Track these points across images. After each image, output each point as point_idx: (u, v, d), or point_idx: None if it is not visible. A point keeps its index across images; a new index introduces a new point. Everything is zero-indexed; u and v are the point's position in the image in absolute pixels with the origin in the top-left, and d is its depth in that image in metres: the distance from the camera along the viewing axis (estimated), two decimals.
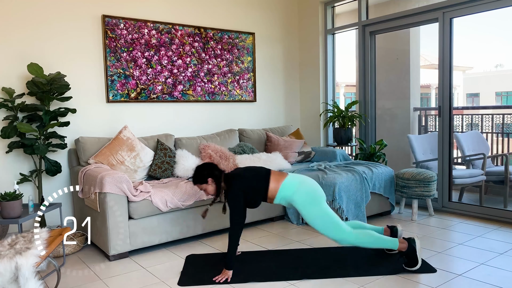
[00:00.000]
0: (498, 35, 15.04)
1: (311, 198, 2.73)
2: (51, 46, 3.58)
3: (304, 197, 2.72)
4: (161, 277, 2.73)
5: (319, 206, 2.72)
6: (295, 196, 2.73)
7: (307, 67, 5.27)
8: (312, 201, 2.72)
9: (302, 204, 2.73)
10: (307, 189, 2.75)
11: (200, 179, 2.80)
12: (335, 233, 2.70)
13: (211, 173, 2.79)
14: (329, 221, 2.70)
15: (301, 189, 2.74)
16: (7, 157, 3.41)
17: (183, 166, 3.76)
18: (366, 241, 2.74)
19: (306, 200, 2.72)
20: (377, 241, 2.75)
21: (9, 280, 1.85)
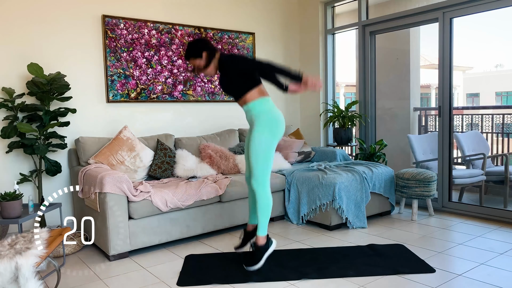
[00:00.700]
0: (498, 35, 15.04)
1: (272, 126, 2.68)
2: (51, 46, 3.58)
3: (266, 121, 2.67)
4: (161, 277, 2.73)
5: (272, 139, 2.67)
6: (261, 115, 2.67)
7: (307, 67, 5.27)
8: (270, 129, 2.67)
9: (259, 124, 2.66)
10: (274, 116, 2.71)
11: (193, 53, 2.70)
12: (262, 171, 2.66)
13: (206, 46, 2.70)
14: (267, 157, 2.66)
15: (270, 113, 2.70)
16: (7, 157, 3.41)
17: (183, 166, 3.76)
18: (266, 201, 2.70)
19: (266, 123, 2.66)
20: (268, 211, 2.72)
21: (9, 280, 1.84)
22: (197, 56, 2.70)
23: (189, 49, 2.73)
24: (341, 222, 3.66)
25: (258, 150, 2.66)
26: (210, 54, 2.70)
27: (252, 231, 2.95)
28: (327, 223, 3.64)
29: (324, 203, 3.61)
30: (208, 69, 2.74)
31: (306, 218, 3.80)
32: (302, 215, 3.81)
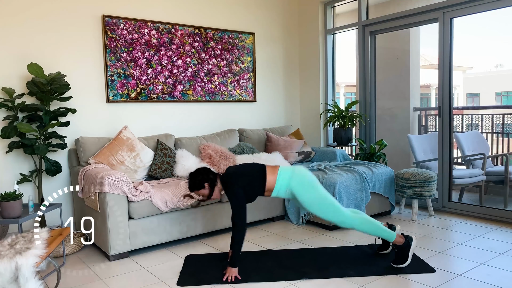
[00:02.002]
0: (498, 35, 15.04)
1: (308, 181, 2.77)
2: (51, 46, 3.58)
3: (301, 180, 2.75)
4: (161, 277, 2.73)
5: (317, 190, 2.77)
6: (292, 182, 2.75)
7: (307, 67, 5.27)
8: (309, 184, 2.76)
9: (300, 188, 2.74)
10: (302, 173, 2.80)
11: (196, 186, 2.81)
12: (335, 215, 2.75)
13: (206, 177, 2.80)
14: (328, 204, 2.75)
15: (296, 174, 2.78)
16: (7, 157, 3.41)
17: (183, 166, 3.76)
18: (365, 226, 2.78)
19: (303, 183, 2.75)
20: (376, 228, 2.78)
21: (9, 280, 1.84)
22: (200, 188, 2.81)
23: (191, 183, 2.83)
24: None
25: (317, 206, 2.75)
26: (212, 184, 2.80)
27: None
28: (327, 223, 3.64)
29: None
30: (213, 195, 2.85)
31: (306, 218, 3.81)
32: (302, 215, 3.81)
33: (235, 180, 2.74)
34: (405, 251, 2.74)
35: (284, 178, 2.77)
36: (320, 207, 2.74)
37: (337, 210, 2.75)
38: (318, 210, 2.75)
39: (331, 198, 2.78)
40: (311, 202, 2.75)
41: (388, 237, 2.78)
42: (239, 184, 2.71)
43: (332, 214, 2.75)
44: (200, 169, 2.88)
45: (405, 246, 2.75)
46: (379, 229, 2.79)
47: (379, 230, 2.79)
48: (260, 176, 2.77)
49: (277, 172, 2.78)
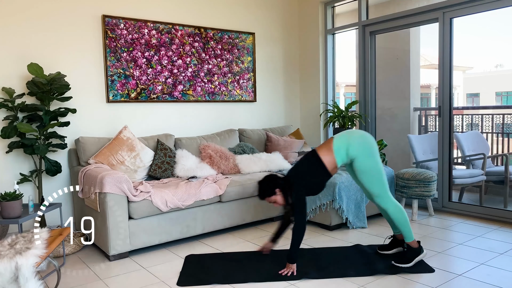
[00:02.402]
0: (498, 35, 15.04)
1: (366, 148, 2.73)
2: (51, 46, 3.58)
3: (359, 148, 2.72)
4: (161, 277, 2.73)
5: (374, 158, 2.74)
6: (350, 151, 2.72)
7: (307, 67, 5.27)
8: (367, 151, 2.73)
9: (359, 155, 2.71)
10: (358, 139, 2.76)
11: (268, 192, 2.77)
12: (382, 187, 2.74)
13: (277, 183, 2.77)
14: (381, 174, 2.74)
15: (352, 142, 2.74)
16: (7, 157, 3.41)
17: (183, 166, 3.76)
18: (398, 214, 2.78)
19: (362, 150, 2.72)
20: (405, 221, 2.78)
21: (9, 280, 1.84)
22: (271, 194, 2.76)
23: (262, 190, 2.79)
24: (341, 222, 3.66)
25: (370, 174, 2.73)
26: (283, 189, 2.75)
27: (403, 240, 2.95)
28: (327, 223, 3.64)
29: (324, 203, 3.61)
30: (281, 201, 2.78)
31: (306, 218, 3.80)
32: None
33: (298, 183, 2.72)
34: (414, 254, 2.75)
35: (342, 151, 2.73)
36: (372, 175, 2.72)
37: (385, 185, 2.75)
38: (369, 178, 2.73)
39: (384, 173, 2.78)
40: (366, 171, 2.72)
41: (408, 236, 2.79)
42: (301, 186, 2.71)
43: (379, 186, 2.74)
44: (269, 175, 2.86)
45: (416, 250, 2.77)
46: (407, 224, 2.79)
47: (407, 225, 2.79)
48: (320, 168, 2.74)
49: (332, 149, 2.73)
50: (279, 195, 2.75)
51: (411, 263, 2.73)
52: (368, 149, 2.74)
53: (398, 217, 2.79)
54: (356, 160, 2.72)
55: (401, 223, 2.79)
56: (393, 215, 2.79)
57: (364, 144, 2.75)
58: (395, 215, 2.79)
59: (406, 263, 2.73)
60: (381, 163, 2.79)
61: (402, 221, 2.78)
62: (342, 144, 2.74)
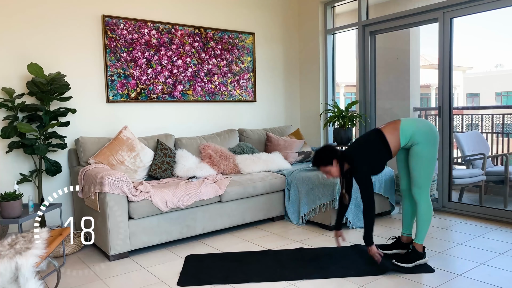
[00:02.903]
0: (498, 35, 15.04)
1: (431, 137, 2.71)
2: (51, 46, 3.58)
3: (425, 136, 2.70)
4: (161, 277, 2.73)
5: (435, 149, 2.73)
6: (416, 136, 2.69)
7: (307, 67, 5.27)
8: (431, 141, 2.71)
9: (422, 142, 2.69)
10: (426, 127, 2.74)
11: (325, 161, 2.74)
12: (427, 181, 2.73)
13: (336, 154, 2.74)
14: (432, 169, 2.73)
15: (420, 128, 2.71)
16: (7, 157, 3.41)
17: (183, 166, 3.76)
18: (424, 211, 2.76)
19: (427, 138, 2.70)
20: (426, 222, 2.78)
21: (9, 280, 1.84)
22: (327, 164, 2.75)
23: (319, 157, 2.78)
24: None
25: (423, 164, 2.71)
26: (341, 161, 2.74)
27: (407, 244, 2.95)
28: (327, 223, 3.64)
29: (324, 203, 3.61)
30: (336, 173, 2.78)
31: (306, 218, 3.80)
32: (302, 215, 3.81)
33: (362, 160, 2.70)
34: (416, 257, 2.75)
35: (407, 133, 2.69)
36: (426, 163, 2.70)
37: (430, 179, 2.74)
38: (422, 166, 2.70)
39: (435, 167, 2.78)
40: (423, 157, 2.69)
41: (421, 237, 2.78)
42: (365, 163, 2.69)
43: (425, 177, 2.72)
44: (327, 145, 2.83)
45: (420, 253, 2.77)
46: (427, 226, 2.78)
47: (426, 227, 2.78)
48: (383, 146, 2.70)
49: (398, 129, 2.70)
50: (336, 167, 2.73)
51: (411, 264, 2.73)
52: (433, 139, 2.72)
53: (424, 215, 2.76)
54: (419, 145, 2.69)
55: (423, 222, 2.77)
56: (421, 211, 2.76)
57: (431, 133, 2.73)
58: (423, 211, 2.76)
59: (407, 263, 2.73)
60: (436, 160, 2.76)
61: (425, 221, 2.77)
62: (409, 127, 2.71)
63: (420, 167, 2.72)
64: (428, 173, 2.73)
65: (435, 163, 2.78)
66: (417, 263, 2.75)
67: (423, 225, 2.78)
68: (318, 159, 2.78)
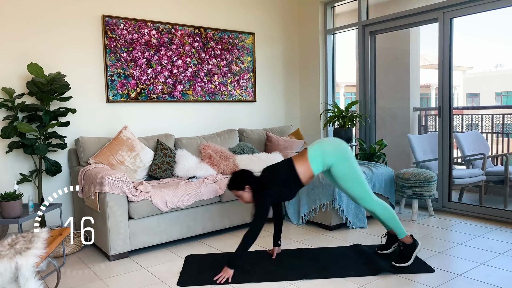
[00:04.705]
0: (498, 35, 15.03)
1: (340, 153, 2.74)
2: (51, 46, 3.58)
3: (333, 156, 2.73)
4: (161, 277, 2.73)
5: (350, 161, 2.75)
6: (326, 159, 2.72)
7: (307, 67, 5.27)
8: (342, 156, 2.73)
9: (335, 163, 2.72)
10: (332, 147, 2.77)
11: (237, 185, 2.78)
12: (363, 190, 2.74)
13: (249, 180, 2.77)
14: (360, 179, 2.74)
15: (327, 151, 2.74)
16: (7, 157, 3.41)
17: (183, 166, 3.76)
18: (384, 213, 2.79)
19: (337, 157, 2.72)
20: (393, 219, 2.79)
21: (9, 280, 1.84)
22: (239, 189, 2.77)
23: (233, 182, 2.80)
24: (341, 222, 3.66)
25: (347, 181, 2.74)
26: (253, 188, 2.75)
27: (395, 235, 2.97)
28: (327, 223, 3.64)
29: (324, 203, 3.62)
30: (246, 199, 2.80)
31: (306, 218, 3.80)
32: (302, 215, 3.81)
33: (269, 189, 2.73)
34: (410, 251, 2.75)
35: (318, 161, 2.73)
36: (352, 180, 2.73)
37: (366, 187, 2.75)
38: (350, 184, 2.73)
39: (363, 175, 2.78)
40: (345, 176, 2.73)
41: (400, 232, 2.80)
42: (271, 194, 2.72)
43: (360, 189, 2.74)
44: (245, 170, 2.87)
45: (411, 245, 2.77)
46: (395, 220, 2.80)
47: (396, 221, 2.80)
48: (292, 177, 2.74)
49: (308, 160, 2.74)
50: (247, 193, 2.76)
51: (410, 260, 2.73)
52: (343, 154, 2.75)
53: (385, 215, 2.79)
54: (334, 167, 2.73)
55: (390, 221, 2.80)
56: (380, 215, 2.80)
57: (338, 150, 2.76)
58: (382, 214, 2.79)
59: (406, 262, 2.73)
60: (358, 166, 2.78)
61: (390, 218, 2.79)
62: (317, 153, 2.75)
63: (349, 185, 2.75)
64: (360, 184, 2.75)
65: (359, 170, 2.77)
66: (415, 255, 2.75)
67: (392, 222, 2.80)
68: (232, 183, 2.80)
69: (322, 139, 2.90)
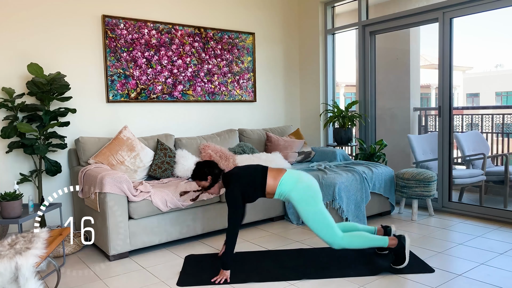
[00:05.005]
0: (498, 35, 15.04)
1: (308, 197, 2.73)
2: (51, 46, 3.58)
3: (301, 195, 2.73)
4: (161, 277, 2.73)
5: (316, 206, 2.72)
6: (292, 193, 2.74)
7: (307, 67, 5.27)
8: (309, 200, 2.72)
9: (298, 201, 2.73)
10: (304, 187, 2.74)
11: (199, 176, 2.83)
12: (327, 235, 2.71)
13: (211, 171, 2.82)
14: (323, 222, 2.70)
15: (298, 186, 2.74)
16: (7, 157, 3.41)
17: (183, 166, 3.76)
18: (356, 242, 2.75)
19: (303, 198, 2.72)
20: (367, 241, 2.76)
21: (9, 280, 1.84)
22: (202, 179, 2.83)
23: (196, 172, 2.85)
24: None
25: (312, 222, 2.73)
26: (214, 178, 2.82)
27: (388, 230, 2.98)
28: None
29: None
30: (212, 190, 2.87)
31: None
32: None
33: (235, 181, 2.74)
34: (401, 252, 2.73)
35: (285, 187, 2.75)
36: (315, 223, 2.71)
37: (330, 231, 2.70)
38: (312, 225, 2.72)
39: (327, 217, 2.72)
40: (307, 216, 2.72)
41: (380, 244, 2.75)
42: (238, 185, 2.72)
43: (326, 234, 2.71)
44: (208, 161, 2.90)
45: (399, 247, 2.73)
46: (370, 240, 2.76)
47: (371, 241, 2.76)
48: (260, 180, 2.77)
49: (279, 179, 2.76)
50: (208, 183, 2.81)
51: (406, 259, 2.71)
52: (311, 197, 2.72)
53: (358, 243, 2.75)
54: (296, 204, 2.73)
55: (365, 244, 2.76)
56: (355, 246, 2.75)
57: (308, 191, 2.73)
58: (355, 244, 2.74)
59: (403, 262, 2.71)
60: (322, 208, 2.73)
61: (364, 243, 2.75)
62: (289, 181, 2.75)
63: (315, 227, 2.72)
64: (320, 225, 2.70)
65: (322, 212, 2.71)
66: (407, 253, 2.72)
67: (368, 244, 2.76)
68: (195, 173, 2.85)
69: (302, 173, 2.86)
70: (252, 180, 2.78)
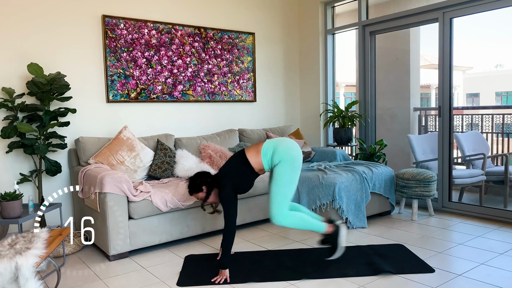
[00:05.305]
0: (498, 35, 15.03)
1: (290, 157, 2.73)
2: (51, 46, 3.58)
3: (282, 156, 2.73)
4: (161, 277, 2.73)
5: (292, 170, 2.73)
6: (275, 156, 2.74)
7: (307, 67, 5.27)
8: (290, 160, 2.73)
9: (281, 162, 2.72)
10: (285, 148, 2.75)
11: (194, 189, 2.83)
12: (278, 205, 2.72)
13: (204, 180, 2.81)
14: (286, 189, 2.72)
15: (279, 149, 2.75)
16: (7, 157, 3.41)
17: (183, 166, 3.76)
18: (295, 223, 2.78)
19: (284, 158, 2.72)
20: (306, 224, 2.79)
21: (9, 280, 1.85)
22: (198, 191, 2.82)
23: (190, 187, 2.85)
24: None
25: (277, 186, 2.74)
26: (209, 187, 2.80)
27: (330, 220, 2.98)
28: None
29: (324, 203, 3.61)
30: (210, 199, 2.85)
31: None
32: None
33: (223, 178, 2.77)
34: (335, 238, 2.77)
35: (268, 155, 2.76)
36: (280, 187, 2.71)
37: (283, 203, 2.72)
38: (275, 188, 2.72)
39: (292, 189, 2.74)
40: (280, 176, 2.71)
41: (318, 229, 2.79)
42: (227, 181, 2.74)
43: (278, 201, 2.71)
44: (199, 172, 2.90)
45: (333, 232, 2.78)
46: (309, 224, 2.79)
47: (309, 224, 2.79)
48: (243, 164, 2.79)
49: (260, 152, 2.78)
50: (206, 193, 2.80)
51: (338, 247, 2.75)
52: (291, 159, 2.73)
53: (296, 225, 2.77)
54: (277, 166, 2.74)
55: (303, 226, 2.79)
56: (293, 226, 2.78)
57: (289, 152, 2.74)
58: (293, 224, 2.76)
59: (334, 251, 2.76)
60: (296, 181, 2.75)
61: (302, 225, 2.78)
62: (269, 148, 2.78)
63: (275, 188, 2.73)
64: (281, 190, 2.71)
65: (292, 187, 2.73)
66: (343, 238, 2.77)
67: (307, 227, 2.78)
68: (190, 188, 2.85)
69: (282, 138, 2.89)
70: (237, 169, 2.80)
